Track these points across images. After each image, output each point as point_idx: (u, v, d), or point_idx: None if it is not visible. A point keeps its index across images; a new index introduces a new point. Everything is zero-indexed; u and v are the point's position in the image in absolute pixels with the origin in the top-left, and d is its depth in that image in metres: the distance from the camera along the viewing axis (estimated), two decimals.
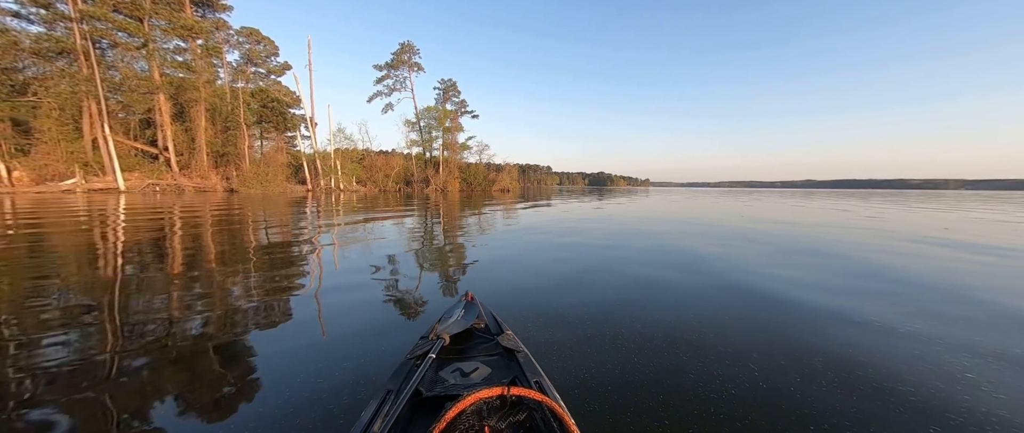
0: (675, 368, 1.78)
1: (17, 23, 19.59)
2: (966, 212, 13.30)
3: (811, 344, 2.07)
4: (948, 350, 2.01)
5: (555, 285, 3.23)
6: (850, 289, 3.22)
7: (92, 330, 2.17)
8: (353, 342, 2.05)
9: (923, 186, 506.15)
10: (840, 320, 2.46)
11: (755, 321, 2.42)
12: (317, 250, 4.79)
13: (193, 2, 25.57)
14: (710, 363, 1.83)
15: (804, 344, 2.07)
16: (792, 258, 4.60)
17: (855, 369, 1.79)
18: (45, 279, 3.19)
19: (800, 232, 7.13)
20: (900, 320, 2.45)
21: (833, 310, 2.65)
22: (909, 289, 3.24)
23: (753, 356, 1.91)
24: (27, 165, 19.13)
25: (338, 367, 1.76)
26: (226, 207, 11.39)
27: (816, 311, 2.63)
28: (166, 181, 22.92)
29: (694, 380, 1.67)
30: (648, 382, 1.66)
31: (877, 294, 3.07)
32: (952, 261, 4.52)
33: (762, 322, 2.40)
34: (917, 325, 2.37)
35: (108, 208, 10.18)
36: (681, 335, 2.17)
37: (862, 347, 2.04)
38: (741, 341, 2.09)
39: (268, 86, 30.75)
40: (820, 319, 2.47)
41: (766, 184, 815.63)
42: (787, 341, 2.11)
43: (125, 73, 22.20)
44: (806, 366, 1.81)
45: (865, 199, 26.26)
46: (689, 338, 2.12)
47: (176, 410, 1.46)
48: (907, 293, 3.11)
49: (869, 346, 2.06)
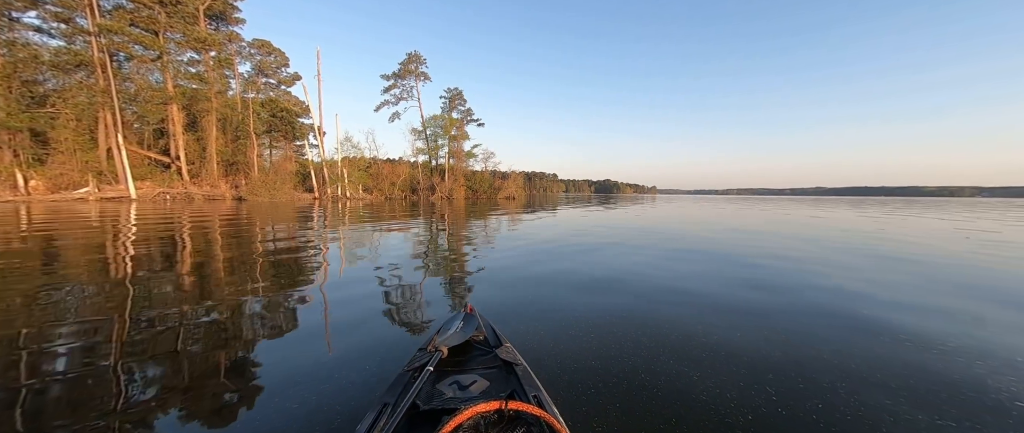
0: (685, 391, 1.66)
1: (39, 38, 20.32)
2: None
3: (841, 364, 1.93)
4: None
5: (560, 297, 3.12)
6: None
7: (93, 337, 2.13)
8: (352, 353, 2.00)
9: (937, 193, 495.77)
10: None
11: (774, 341, 2.28)
12: (323, 261, 4.74)
13: (207, 15, 26.25)
14: (723, 385, 1.71)
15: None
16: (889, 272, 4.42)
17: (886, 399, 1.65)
18: (51, 283, 3.17)
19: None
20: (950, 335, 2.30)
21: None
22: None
23: (769, 378, 1.78)
24: (43, 174, 19.61)
25: (337, 378, 1.73)
26: (232, 215, 11.48)
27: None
28: (177, 189, 23.30)
29: (706, 403, 1.55)
30: (655, 402, 1.55)
31: (927, 312, 2.90)
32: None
33: (782, 341, 2.27)
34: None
35: (120, 216, 10.32)
36: (689, 353, 2.04)
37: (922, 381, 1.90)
38: (757, 360, 1.96)
39: (278, 96, 31.34)
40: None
41: (775, 191, 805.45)
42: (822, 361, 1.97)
43: (140, 84, 22.79)
44: (828, 392, 1.68)
45: (907, 206, 25.68)
46: (698, 357, 2.00)
47: (174, 417, 1.46)
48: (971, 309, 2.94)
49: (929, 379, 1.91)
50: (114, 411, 1.47)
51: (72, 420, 1.41)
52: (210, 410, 1.51)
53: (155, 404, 1.53)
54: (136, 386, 1.68)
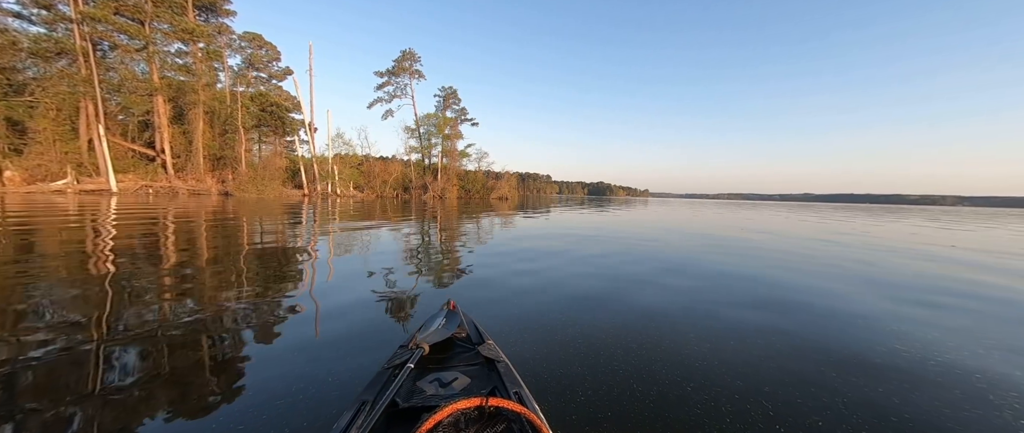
0: (678, 401, 1.58)
1: (19, 24, 19.63)
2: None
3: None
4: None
5: (547, 301, 3.03)
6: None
7: (65, 330, 1.98)
8: (332, 351, 1.94)
9: (920, 202, 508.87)
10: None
11: (773, 354, 2.22)
12: (309, 257, 4.58)
13: (196, 6, 25.66)
14: (718, 397, 1.63)
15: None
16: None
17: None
18: (25, 274, 2.98)
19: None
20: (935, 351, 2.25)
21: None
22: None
23: (766, 390, 1.70)
24: (20, 165, 18.93)
25: (315, 376, 1.68)
26: (218, 211, 11.17)
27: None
28: (160, 183, 22.71)
29: (699, 416, 1.48)
30: (647, 412, 1.47)
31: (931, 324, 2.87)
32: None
33: (778, 347, 2.20)
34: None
35: (98, 209, 9.96)
36: (683, 363, 1.97)
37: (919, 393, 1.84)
38: (752, 371, 1.89)
39: (269, 91, 30.77)
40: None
41: (764, 196, 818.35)
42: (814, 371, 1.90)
43: (124, 75, 22.16)
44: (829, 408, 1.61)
45: (898, 215, 26.18)
46: (692, 366, 1.92)
47: (154, 417, 1.43)
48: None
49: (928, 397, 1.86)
50: (88, 403, 1.44)
51: (45, 412, 1.39)
52: (183, 407, 1.48)
53: (134, 404, 1.49)
54: (107, 383, 1.59)
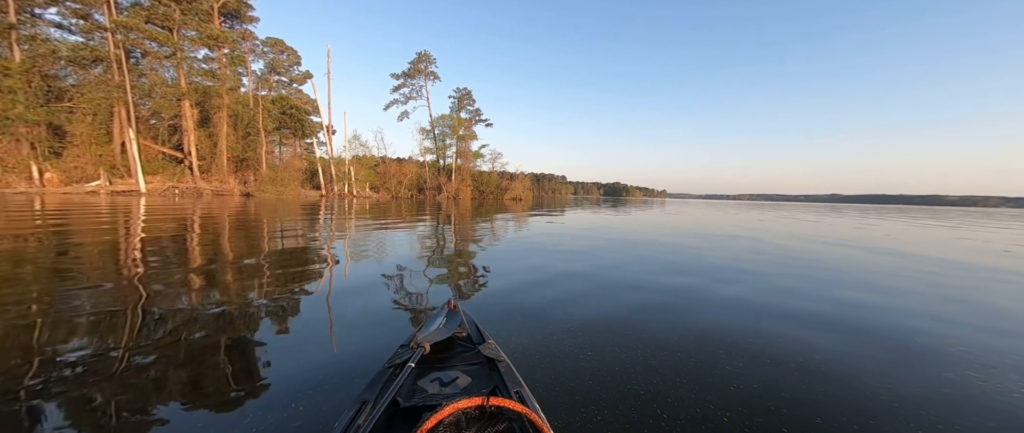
0: (701, 421, 1.47)
1: (58, 33, 20.81)
2: None
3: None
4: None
5: (556, 299, 2.95)
6: None
7: (95, 324, 2.10)
8: (335, 350, 1.93)
9: (961, 203, 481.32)
10: None
11: (802, 373, 2.07)
12: (328, 257, 4.64)
13: (222, 13, 26.62)
14: (741, 417, 1.49)
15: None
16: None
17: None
18: (63, 271, 3.11)
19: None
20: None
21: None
22: None
23: (784, 412, 1.56)
24: (58, 167, 20.01)
25: (318, 374, 1.69)
26: (239, 210, 11.52)
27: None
28: (185, 184, 23.62)
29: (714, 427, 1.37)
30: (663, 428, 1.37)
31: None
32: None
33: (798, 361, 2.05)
34: None
35: (128, 209, 10.41)
36: (704, 381, 1.85)
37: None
38: (774, 391, 1.75)
39: (289, 94, 31.66)
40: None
41: (789, 197, 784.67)
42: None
43: (154, 80, 23.18)
44: None
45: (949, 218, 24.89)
46: (716, 387, 1.80)
47: (172, 408, 1.46)
48: None
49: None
50: (109, 394, 1.50)
51: (72, 403, 1.44)
52: (191, 399, 1.51)
53: (155, 396, 1.53)
54: (137, 378, 1.65)
